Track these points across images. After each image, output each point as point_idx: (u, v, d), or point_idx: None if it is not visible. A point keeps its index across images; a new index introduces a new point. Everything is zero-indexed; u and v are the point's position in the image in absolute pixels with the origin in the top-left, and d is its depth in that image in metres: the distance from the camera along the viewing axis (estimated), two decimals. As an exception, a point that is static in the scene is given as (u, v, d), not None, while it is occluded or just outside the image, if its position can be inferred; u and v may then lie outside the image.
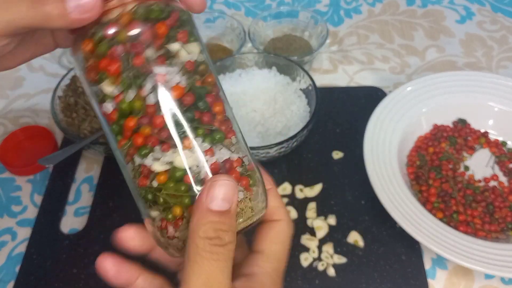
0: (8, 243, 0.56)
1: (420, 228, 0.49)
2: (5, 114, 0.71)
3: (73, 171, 0.63)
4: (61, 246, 0.55)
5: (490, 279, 0.51)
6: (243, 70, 0.65)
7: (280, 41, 0.74)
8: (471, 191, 0.56)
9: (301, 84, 0.64)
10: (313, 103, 0.60)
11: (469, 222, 0.53)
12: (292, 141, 0.56)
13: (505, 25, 0.81)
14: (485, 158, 0.61)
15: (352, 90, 0.70)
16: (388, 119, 0.59)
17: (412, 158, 0.60)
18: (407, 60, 0.76)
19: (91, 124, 0.61)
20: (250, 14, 0.85)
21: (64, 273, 0.53)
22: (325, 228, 0.54)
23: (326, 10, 0.86)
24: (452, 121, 0.63)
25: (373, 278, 0.51)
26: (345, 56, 0.77)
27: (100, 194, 0.59)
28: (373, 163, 0.54)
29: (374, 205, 0.55)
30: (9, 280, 0.53)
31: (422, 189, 0.56)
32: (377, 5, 0.86)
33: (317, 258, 0.52)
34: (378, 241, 0.53)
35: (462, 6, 0.85)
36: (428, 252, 0.53)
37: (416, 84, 0.63)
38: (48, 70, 0.77)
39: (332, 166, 0.61)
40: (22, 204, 0.60)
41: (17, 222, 0.58)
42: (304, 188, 0.58)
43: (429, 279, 0.51)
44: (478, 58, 0.76)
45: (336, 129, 0.65)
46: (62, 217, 0.58)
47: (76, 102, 0.62)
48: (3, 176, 0.63)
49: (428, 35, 0.80)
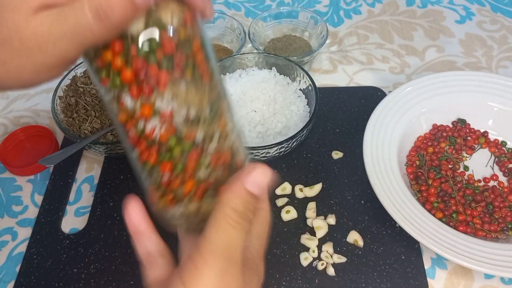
0: (9, 243, 0.57)
1: (419, 228, 0.49)
2: (5, 114, 0.71)
3: (73, 171, 0.63)
4: (61, 246, 0.55)
5: (489, 279, 0.51)
6: (243, 71, 0.65)
7: (280, 41, 0.74)
8: (471, 191, 0.56)
9: (301, 84, 0.64)
10: (313, 103, 0.60)
11: (469, 222, 0.53)
12: (292, 141, 0.56)
13: (505, 25, 0.81)
14: (484, 158, 0.61)
15: (352, 90, 0.70)
16: (388, 119, 0.59)
17: (411, 158, 0.60)
18: (406, 60, 0.76)
19: (91, 124, 0.61)
20: (250, 14, 0.86)
21: (64, 273, 0.53)
22: (325, 227, 0.54)
23: (326, 11, 0.86)
24: (451, 121, 0.63)
25: (372, 278, 0.51)
26: (345, 56, 0.77)
27: (101, 194, 0.60)
28: (373, 163, 0.54)
29: (374, 205, 0.56)
30: (9, 280, 0.53)
31: (422, 189, 0.56)
32: (377, 5, 0.86)
33: (316, 258, 0.52)
34: (377, 241, 0.54)
35: (462, 6, 0.85)
36: (428, 252, 0.53)
37: (415, 84, 0.63)
38: (48, 70, 0.77)
39: (331, 166, 0.61)
40: (22, 204, 0.60)
41: (17, 222, 0.58)
42: (304, 188, 0.58)
43: (428, 279, 0.51)
44: (478, 58, 0.76)
45: (336, 129, 0.65)
46: (63, 217, 0.58)
47: (77, 102, 0.63)
48: (4, 176, 0.63)
49: (428, 35, 0.80)
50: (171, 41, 0.28)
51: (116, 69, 0.28)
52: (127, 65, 0.28)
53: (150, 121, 0.29)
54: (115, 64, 0.28)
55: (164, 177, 0.31)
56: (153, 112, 0.29)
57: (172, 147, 0.30)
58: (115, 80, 0.28)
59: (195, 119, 0.30)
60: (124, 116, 0.29)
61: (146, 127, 0.29)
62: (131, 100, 0.28)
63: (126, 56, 0.27)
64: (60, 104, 0.63)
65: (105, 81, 0.29)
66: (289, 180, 0.59)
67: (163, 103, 0.28)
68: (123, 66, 0.28)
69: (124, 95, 0.28)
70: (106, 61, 0.28)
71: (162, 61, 0.27)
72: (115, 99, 0.29)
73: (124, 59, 0.27)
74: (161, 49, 0.27)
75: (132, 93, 0.28)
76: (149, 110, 0.29)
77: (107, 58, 0.28)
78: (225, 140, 0.32)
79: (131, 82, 0.28)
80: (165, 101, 0.28)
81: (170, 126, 0.29)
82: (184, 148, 0.30)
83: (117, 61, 0.28)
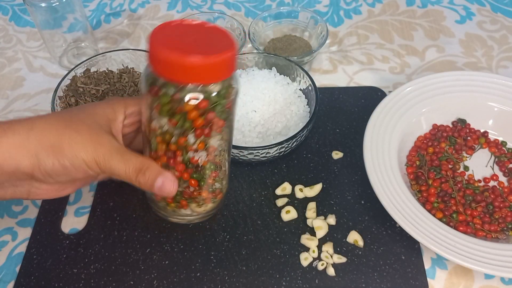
0: (8, 243, 0.57)
1: (420, 228, 0.49)
2: (5, 114, 0.71)
3: (73, 171, 0.63)
4: (61, 246, 0.55)
5: (490, 279, 0.51)
6: (243, 71, 0.65)
7: (280, 41, 0.74)
8: (471, 191, 0.56)
9: (301, 84, 0.64)
10: (313, 103, 0.60)
11: (469, 222, 0.53)
12: (292, 141, 0.56)
13: (505, 25, 0.81)
14: (485, 158, 0.61)
15: (352, 90, 0.70)
16: (388, 119, 0.59)
17: (411, 158, 0.60)
18: (407, 60, 0.76)
19: (91, 124, 0.61)
20: (250, 14, 0.86)
21: (64, 273, 0.53)
22: (325, 228, 0.54)
23: (326, 11, 0.86)
24: (451, 121, 0.63)
25: (372, 278, 0.51)
26: (345, 56, 0.77)
27: (100, 194, 0.60)
28: (373, 163, 0.54)
29: (374, 205, 0.56)
30: (9, 280, 0.53)
31: (422, 189, 0.56)
32: (377, 5, 0.86)
33: (317, 258, 0.52)
34: (377, 241, 0.54)
35: (462, 6, 0.85)
36: (428, 252, 0.53)
37: (415, 84, 0.63)
38: (48, 70, 0.77)
39: (332, 166, 0.61)
40: (22, 204, 0.60)
41: (17, 222, 0.58)
42: (304, 188, 0.58)
43: (429, 279, 0.51)
44: (478, 58, 0.76)
45: (336, 129, 0.65)
46: (63, 217, 0.58)
47: (77, 102, 0.63)
48: (4, 176, 0.63)
49: (428, 35, 0.80)
50: (229, 103, 0.38)
51: (190, 118, 0.37)
52: (201, 116, 0.37)
53: (199, 152, 0.40)
54: (191, 115, 0.36)
55: (190, 189, 0.43)
56: (204, 147, 0.40)
57: (206, 170, 0.42)
58: (185, 124, 0.37)
59: (223, 150, 0.42)
60: (176, 147, 0.39)
61: (194, 156, 0.40)
62: (193, 138, 0.38)
63: (202, 111, 0.37)
64: (60, 104, 0.63)
65: (175, 123, 0.37)
66: (289, 180, 0.59)
67: (214, 141, 0.40)
68: (197, 117, 0.37)
69: (189, 134, 0.38)
70: (182, 110, 0.36)
71: (222, 114, 0.38)
72: (177, 135, 0.38)
73: (200, 113, 0.37)
74: (223, 107, 0.37)
75: (196, 134, 0.38)
76: (203, 145, 0.39)
77: (185, 109, 0.36)
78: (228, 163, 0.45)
79: (197, 127, 0.38)
80: (215, 140, 0.40)
81: (211, 156, 0.41)
82: (212, 169, 0.42)
83: (193, 114, 0.36)
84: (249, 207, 0.57)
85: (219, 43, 0.35)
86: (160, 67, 0.34)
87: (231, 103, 0.38)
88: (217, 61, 0.34)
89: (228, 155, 0.44)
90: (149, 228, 0.56)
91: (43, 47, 0.81)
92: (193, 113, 0.36)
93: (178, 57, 0.33)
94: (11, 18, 0.88)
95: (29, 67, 0.78)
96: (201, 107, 0.36)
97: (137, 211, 0.58)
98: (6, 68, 0.78)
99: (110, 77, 0.66)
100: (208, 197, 0.45)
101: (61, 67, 0.77)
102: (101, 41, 0.82)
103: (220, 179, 0.45)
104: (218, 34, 0.36)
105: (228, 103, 0.38)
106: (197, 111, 0.36)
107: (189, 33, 0.35)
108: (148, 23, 0.85)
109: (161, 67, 0.34)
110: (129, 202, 0.59)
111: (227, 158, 0.45)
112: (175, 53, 0.33)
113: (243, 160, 0.58)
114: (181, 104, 0.36)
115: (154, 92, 0.37)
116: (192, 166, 0.41)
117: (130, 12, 0.87)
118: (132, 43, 0.81)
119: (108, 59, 0.67)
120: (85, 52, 0.77)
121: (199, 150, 0.39)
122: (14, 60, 0.79)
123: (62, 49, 0.76)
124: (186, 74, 0.34)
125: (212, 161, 0.41)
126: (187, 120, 0.37)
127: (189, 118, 0.36)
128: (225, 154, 0.43)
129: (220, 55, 0.34)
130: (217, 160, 0.42)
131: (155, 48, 0.34)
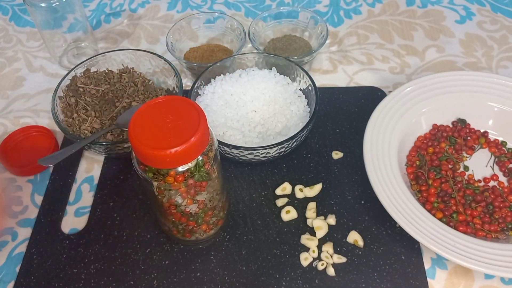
0: (9, 243, 0.57)
1: (420, 228, 0.49)
2: (5, 114, 0.71)
3: (73, 171, 0.63)
4: (61, 246, 0.55)
5: (490, 279, 0.51)
6: (243, 71, 0.65)
7: (280, 41, 0.74)
8: (471, 191, 0.56)
9: (301, 84, 0.64)
10: (313, 103, 0.60)
11: (469, 222, 0.53)
12: (292, 141, 0.56)
13: (505, 25, 0.81)
14: (485, 158, 0.61)
15: (352, 90, 0.70)
16: (388, 119, 0.59)
17: (411, 158, 0.60)
18: (407, 60, 0.76)
19: (91, 124, 0.61)
20: (250, 14, 0.86)
21: (64, 273, 0.53)
22: (325, 228, 0.54)
23: (326, 11, 0.86)
24: (451, 121, 0.63)
25: (372, 278, 0.51)
26: (345, 56, 0.77)
27: (100, 194, 0.60)
28: (373, 163, 0.54)
29: (374, 205, 0.56)
30: (9, 280, 0.53)
31: (422, 189, 0.56)
32: (377, 5, 0.86)
33: (317, 258, 0.52)
34: (377, 241, 0.54)
35: (462, 6, 0.85)
36: (428, 252, 0.53)
37: (415, 84, 0.63)
38: (48, 70, 0.77)
39: (332, 166, 0.61)
40: (22, 204, 0.60)
41: (17, 222, 0.58)
42: (304, 188, 0.58)
43: (429, 279, 0.51)
44: (478, 58, 0.76)
45: (336, 129, 0.65)
46: (63, 217, 0.58)
47: (77, 102, 0.63)
48: (3, 176, 0.63)
49: (428, 35, 0.80)
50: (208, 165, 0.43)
51: (175, 187, 0.43)
52: (183, 183, 0.42)
53: (190, 206, 0.46)
54: (174, 186, 0.42)
55: (189, 227, 0.50)
56: (193, 202, 0.46)
57: (200, 213, 0.48)
58: (170, 192, 0.44)
59: (215, 195, 0.48)
60: (169, 204, 0.46)
61: (186, 208, 0.47)
62: (181, 199, 0.45)
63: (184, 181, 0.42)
64: (60, 104, 0.63)
65: (162, 192, 0.44)
66: (289, 180, 0.59)
67: (201, 196, 0.46)
68: (180, 186, 0.43)
69: (176, 197, 0.45)
70: (168, 182, 0.42)
71: (202, 178, 0.43)
72: (167, 198, 0.45)
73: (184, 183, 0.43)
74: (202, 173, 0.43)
75: (182, 196, 0.45)
76: (191, 201, 0.46)
77: (168, 181, 0.42)
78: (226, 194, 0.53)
79: (183, 192, 0.44)
80: (202, 195, 0.46)
81: (202, 205, 0.47)
82: (206, 211, 0.49)
83: (175, 184, 0.42)
84: (249, 207, 0.57)
85: (189, 121, 0.40)
86: (143, 159, 0.41)
87: (209, 166, 0.43)
88: (185, 148, 0.39)
89: (223, 191, 0.51)
90: (149, 228, 0.56)
91: (43, 47, 0.81)
92: (174, 184, 0.42)
93: (154, 153, 0.38)
94: (11, 18, 0.88)
95: (29, 67, 0.78)
96: (179, 181, 0.42)
97: (137, 211, 0.58)
98: (6, 68, 0.78)
99: (110, 77, 0.66)
100: (208, 228, 0.51)
101: (61, 67, 0.77)
102: (101, 41, 0.82)
103: (217, 213, 0.51)
104: (187, 108, 0.41)
105: (207, 166, 0.43)
106: (178, 182, 0.42)
107: (163, 114, 0.41)
108: (148, 23, 0.85)
109: (144, 159, 0.41)
110: (129, 202, 0.59)
111: (223, 195, 0.51)
112: (151, 150, 0.38)
113: (243, 160, 0.58)
114: (164, 177, 0.42)
115: (142, 169, 0.43)
116: (186, 214, 0.48)
117: (130, 12, 0.87)
118: (132, 43, 0.81)
119: (108, 59, 0.67)
120: (85, 52, 0.77)
121: (188, 205, 0.46)
122: (14, 60, 0.79)
123: (62, 49, 0.76)
124: (162, 163, 0.40)
125: (204, 208, 0.48)
126: (172, 189, 0.43)
127: (173, 188, 0.43)
128: (218, 196, 0.49)
129: (188, 142, 0.38)
130: (209, 206, 0.48)
131: (136, 145, 0.39)
